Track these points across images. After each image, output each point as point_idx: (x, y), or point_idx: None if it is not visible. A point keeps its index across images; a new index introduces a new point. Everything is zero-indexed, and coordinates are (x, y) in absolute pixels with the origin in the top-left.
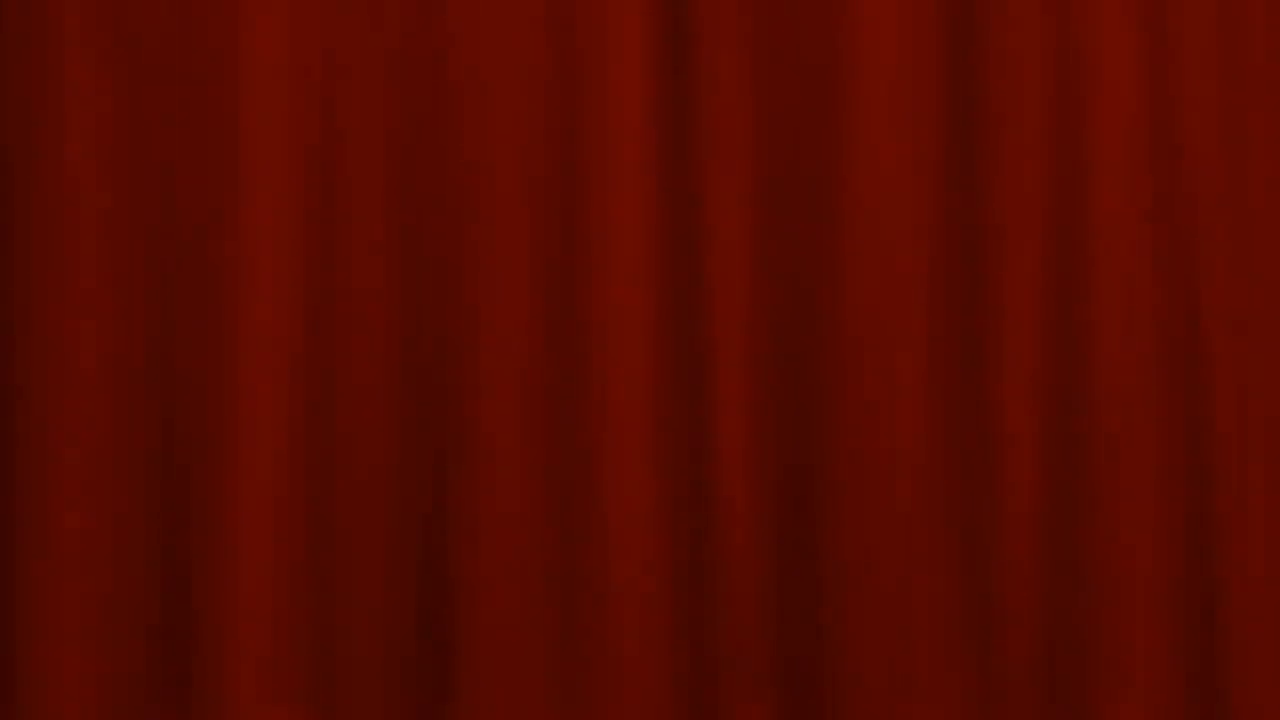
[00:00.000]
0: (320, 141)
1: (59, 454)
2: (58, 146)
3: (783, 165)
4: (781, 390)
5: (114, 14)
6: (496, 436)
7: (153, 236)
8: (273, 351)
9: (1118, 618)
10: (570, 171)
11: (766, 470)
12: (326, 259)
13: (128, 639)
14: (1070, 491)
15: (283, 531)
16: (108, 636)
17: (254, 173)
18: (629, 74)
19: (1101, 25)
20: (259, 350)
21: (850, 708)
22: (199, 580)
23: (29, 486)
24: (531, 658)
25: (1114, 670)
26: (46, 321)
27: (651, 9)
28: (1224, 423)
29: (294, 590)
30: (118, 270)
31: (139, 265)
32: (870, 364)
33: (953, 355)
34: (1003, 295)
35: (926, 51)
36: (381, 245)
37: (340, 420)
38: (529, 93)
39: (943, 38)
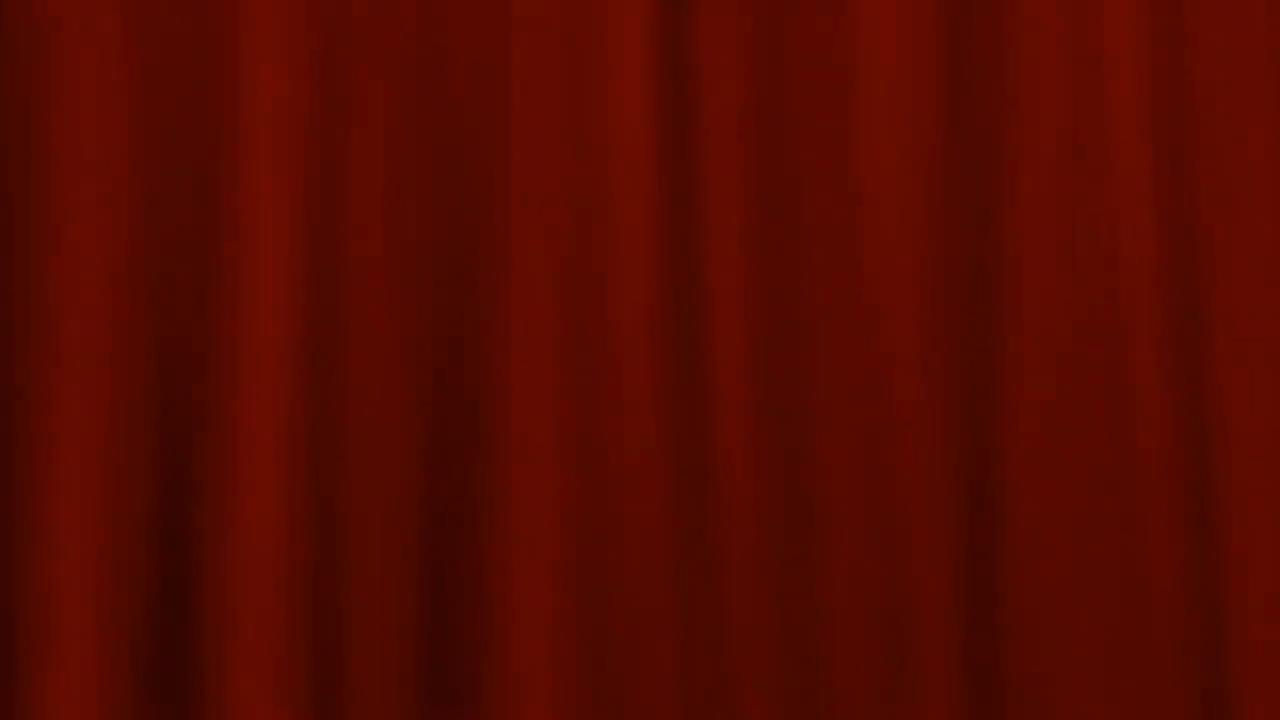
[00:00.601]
0: (320, 141)
1: (59, 453)
2: (57, 143)
3: (783, 165)
4: (782, 390)
5: (114, 9)
6: (498, 434)
7: (153, 234)
8: (276, 349)
9: (1117, 619)
10: (570, 169)
11: (768, 470)
12: (328, 258)
13: (128, 639)
14: (1072, 493)
15: (287, 531)
16: (108, 636)
17: (257, 167)
18: (629, 72)
19: (1104, 23)
20: (262, 348)
21: (851, 708)
22: (200, 580)
23: (29, 486)
24: (538, 659)
25: (1111, 671)
26: (47, 321)
27: (651, 9)
28: (1225, 422)
29: (298, 591)
30: (117, 269)
31: (139, 262)
32: (871, 363)
33: (954, 354)
34: (1005, 295)
35: (928, 52)
36: (382, 243)
37: (345, 419)
38: (529, 91)
39: (944, 38)
